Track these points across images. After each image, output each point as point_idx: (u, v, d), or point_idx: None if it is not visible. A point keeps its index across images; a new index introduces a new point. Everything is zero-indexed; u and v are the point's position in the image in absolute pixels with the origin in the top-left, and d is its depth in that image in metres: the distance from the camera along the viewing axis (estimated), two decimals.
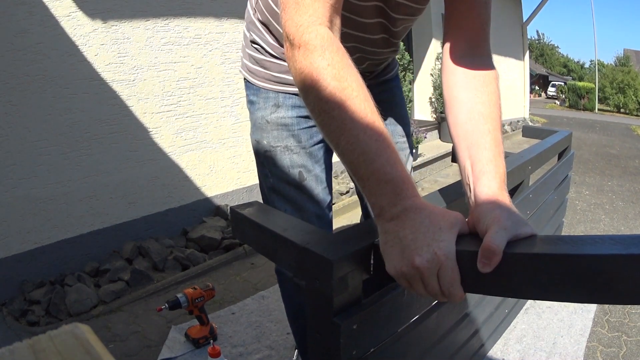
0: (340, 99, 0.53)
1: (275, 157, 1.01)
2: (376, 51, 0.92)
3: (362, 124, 0.53)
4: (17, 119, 1.98)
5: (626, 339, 1.73)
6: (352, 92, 0.54)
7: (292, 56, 0.57)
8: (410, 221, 0.51)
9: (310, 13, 0.55)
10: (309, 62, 0.55)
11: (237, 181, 3.02)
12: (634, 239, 0.42)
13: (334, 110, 0.54)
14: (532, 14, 8.13)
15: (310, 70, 0.55)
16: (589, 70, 34.79)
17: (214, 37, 2.75)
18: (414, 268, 0.50)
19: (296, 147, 0.99)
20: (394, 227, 0.52)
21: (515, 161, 1.25)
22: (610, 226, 3.14)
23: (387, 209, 0.53)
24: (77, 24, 2.13)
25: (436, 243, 0.50)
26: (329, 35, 0.56)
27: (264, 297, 2.02)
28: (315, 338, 0.62)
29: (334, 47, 0.55)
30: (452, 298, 0.51)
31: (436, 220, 0.51)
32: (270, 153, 1.01)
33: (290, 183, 1.00)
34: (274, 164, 1.01)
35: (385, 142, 0.54)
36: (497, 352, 1.53)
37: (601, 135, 8.62)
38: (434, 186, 4.13)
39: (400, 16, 0.82)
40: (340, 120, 0.54)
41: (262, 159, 1.04)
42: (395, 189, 0.53)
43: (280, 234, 0.66)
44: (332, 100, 0.53)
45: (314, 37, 0.55)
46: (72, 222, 2.22)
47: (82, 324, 0.38)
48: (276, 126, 0.99)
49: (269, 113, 1.00)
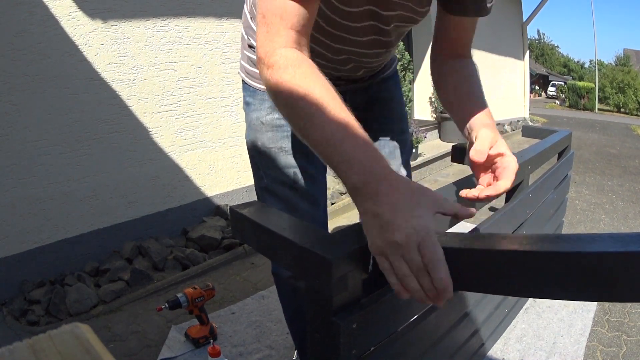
0: (305, 101, 0.59)
1: (269, 158, 1.02)
2: (371, 61, 0.94)
3: (327, 117, 0.58)
4: (17, 119, 1.98)
5: (626, 338, 1.73)
6: (315, 94, 0.59)
7: (264, 75, 0.65)
8: (386, 198, 0.52)
9: (276, 40, 0.64)
10: (276, 78, 0.62)
11: (237, 181, 3.02)
12: (633, 237, 0.42)
13: (301, 111, 0.60)
14: (532, 13, 8.13)
15: (277, 84, 0.62)
16: (589, 70, 34.79)
17: (214, 36, 2.75)
18: (394, 244, 0.50)
19: (291, 148, 1.00)
20: (372, 205, 0.53)
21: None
22: (610, 226, 3.14)
23: (361, 188, 0.55)
24: (77, 24, 2.13)
25: (415, 219, 0.50)
26: (293, 55, 0.64)
27: (264, 297, 2.02)
28: (315, 338, 0.62)
29: (297, 63, 0.63)
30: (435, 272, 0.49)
31: (414, 197, 0.53)
32: (264, 154, 1.02)
33: (284, 184, 1.01)
34: (269, 165, 1.02)
35: (351, 129, 0.58)
36: (497, 351, 1.54)
37: (601, 135, 8.62)
38: (434, 186, 4.13)
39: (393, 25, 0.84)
40: (308, 118, 0.59)
41: (256, 160, 1.05)
42: (365, 167, 0.55)
43: (280, 233, 0.66)
44: (298, 103, 0.60)
45: (278, 59, 0.63)
46: (72, 222, 2.22)
47: (82, 324, 0.38)
48: (271, 127, 1.01)
49: (265, 114, 1.01)
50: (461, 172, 4.37)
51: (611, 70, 23.60)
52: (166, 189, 2.61)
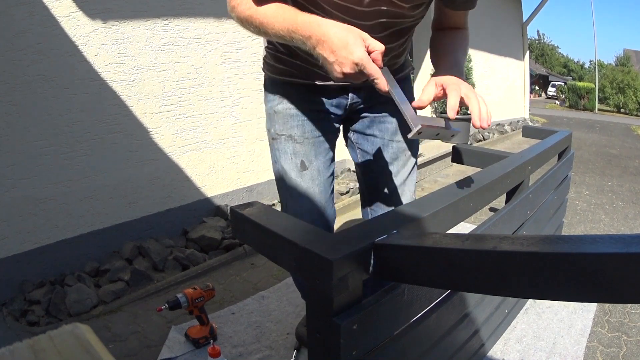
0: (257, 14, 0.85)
1: (280, 144, 1.11)
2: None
3: (271, 13, 0.83)
4: (17, 119, 1.98)
5: (626, 339, 1.73)
6: (265, 8, 0.84)
7: (232, 15, 0.90)
8: (327, 44, 0.75)
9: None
10: (237, 12, 0.88)
11: (237, 181, 3.02)
12: (634, 238, 0.42)
13: (256, 21, 0.85)
14: (532, 14, 8.13)
15: (239, 14, 0.88)
16: (589, 71, 34.78)
17: (214, 37, 2.75)
18: (345, 75, 0.76)
19: (300, 137, 1.09)
20: (321, 52, 0.76)
21: (515, 161, 1.25)
22: (610, 226, 3.14)
23: (308, 42, 0.77)
24: (77, 24, 2.13)
25: (351, 55, 0.73)
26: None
27: (264, 297, 2.02)
28: (316, 338, 0.62)
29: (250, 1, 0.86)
30: (379, 83, 0.76)
31: (343, 37, 0.74)
32: (276, 141, 1.12)
33: (292, 170, 1.10)
34: (279, 151, 1.12)
35: (283, 9, 0.82)
36: (497, 352, 1.53)
37: (601, 135, 8.62)
38: (434, 186, 4.13)
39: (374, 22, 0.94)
40: (262, 22, 0.84)
41: (270, 146, 1.17)
42: (300, 27, 0.78)
43: (281, 234, 0.66)
44: (254, 18, 0.85)
45: (239, 2, 0.88)
46: (72, 222, 2.22)
47: (82, 324, 0.38)
48: (282, 116, 1.10)
49: (277, 104, 1.11)
50: (461, 172, 4.36)
51: (611, 71, 23.59)
52: (166, 189, 2.61)
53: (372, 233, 0.64)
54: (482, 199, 1.01)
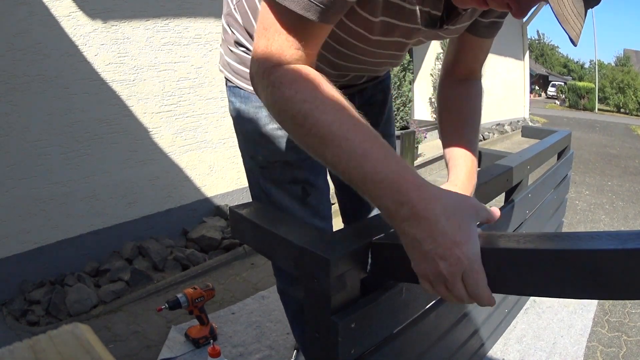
0: (313, 117, 0.53)
1: (271, 173, 0.89)
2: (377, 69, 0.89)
3: (342, 132, 0.53)
4: (17, 119, 1.98)
5: (626, 339, 1.73)
6: (324, 107, 0.54)
7: (263, 93, 0.59)
8: (424, 222, 0.49)
9: (276, 58, 0.56)
10: (278, 96, 0.56)
11: (237, 181, 3.02)
12: (631, 234, 0.42)
13: (311, 129, 0.54)
14: (532, 13, 8.12)
15: (281, 101, 0.56)
16: (589, 70, 34.77)
17: (214, 37, 2.75)
18: (438, 274, 0.49)
19: (297, 160, 0.87)
20: (410, 229, 0.50)
21: (514, 161, 1.25)
22: (610, 226, 3.14)
23: (394, 209, 0.50)
24: (77, 24, 2.13)
25: (458, 247, 0.47)
26: (295, 69, 0.56)
27: (264, 297, 2.02)
28: (314, 337, 0.62)
29: (302, 77, 0.56)
30: (479, 300, 0.49)
31: (453, 218, 0.49)
32: (265, 170, 0.89)
33: (292, 202, 0.90)
34: (271, 181, 0.89)
35: (370, 141, 0.53)
36: (497, 352, 1.53)
37: (601, 135, 8.62)
38: None
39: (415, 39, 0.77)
40: (320, 136, 0.53)
41: (253, 174, 0.93)
42: (393, 185, 0.50)
43: (279, 233, 0.66)
44: (307, 120, 0.54)
45: (281, 75, 0.56)
46: (72, 222, 2.22)
47: (82, 324, 0.38)
48: (273, 138, 0.86)
49: (264, 124, 0.86)
50: None
51: (611, 71, 23.61)
52: (166, 189, 2.61)
53: (370, 231, 0.64)
54: (481, 198, 1.01)
